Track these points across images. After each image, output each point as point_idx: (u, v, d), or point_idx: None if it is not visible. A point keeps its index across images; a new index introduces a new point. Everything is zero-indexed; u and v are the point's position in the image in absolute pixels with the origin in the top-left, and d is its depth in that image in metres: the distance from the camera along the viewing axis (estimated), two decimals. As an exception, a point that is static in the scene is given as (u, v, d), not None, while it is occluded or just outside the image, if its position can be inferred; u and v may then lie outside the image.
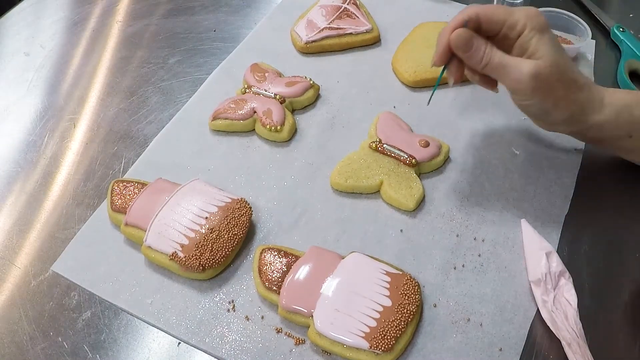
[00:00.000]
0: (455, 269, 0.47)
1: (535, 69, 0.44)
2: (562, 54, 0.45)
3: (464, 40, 0.45)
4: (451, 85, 0.49)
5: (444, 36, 0.46)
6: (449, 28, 0.46)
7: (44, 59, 0.67)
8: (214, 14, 0.73)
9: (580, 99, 0.46)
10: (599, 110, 0.47)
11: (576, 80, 0.46)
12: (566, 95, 0.46)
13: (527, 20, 0.45)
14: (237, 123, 0.56)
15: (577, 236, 0.49)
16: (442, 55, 0.47)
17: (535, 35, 0.45)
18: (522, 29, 0.45)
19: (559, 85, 0.45)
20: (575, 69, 0.47)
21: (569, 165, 0.54)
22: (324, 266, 0.44)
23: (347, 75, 0.64)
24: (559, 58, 0.45)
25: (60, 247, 0.48)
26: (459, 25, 0.45)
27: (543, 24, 0.45)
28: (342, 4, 0.68)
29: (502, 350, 0.42)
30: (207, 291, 0.46)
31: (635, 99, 0.47)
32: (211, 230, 0.46)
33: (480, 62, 0.46)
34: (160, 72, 0.65)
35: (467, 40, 0.45)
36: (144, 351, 0.43)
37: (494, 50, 0.46)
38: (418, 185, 0.51)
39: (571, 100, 0.46)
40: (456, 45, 0.46)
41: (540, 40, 0.45)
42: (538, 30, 0.45)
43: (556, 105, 0.46)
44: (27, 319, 0.44)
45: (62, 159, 0.56)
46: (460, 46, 0.46)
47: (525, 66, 0.44)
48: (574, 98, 0.46)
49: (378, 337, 0.40)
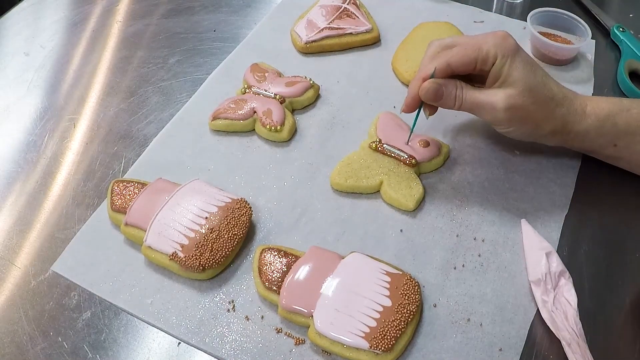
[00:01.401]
0: (455, 269, 0.47)
1: (508, 102, 0.45)
2: (535, 74, 0.46)
3: (433, 92, 0.47)
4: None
5: (413, 87, 0.48)
6: (419, 79, 0.47)
7: (44, 59, 0.67)
8: (214, 14, 0.73)
9: (560, 114, 0.47)
10: (580, 121, 0.47)
11: (553, 97, 0.47)
12: (545, 115, 0.46)
13: (497, 48, 0.45)
14: (237, 123, 0.56)
15: (577, 236, 0.49)
16: (412, 105, 0.49)
17: (507, 61, 0.45)
18: (493, 59, 0.45)
19: (535, 108, 0.46)
20: (553, 84, 0.47)
21: (569, 165, 0.54)
22: (324, 266, 0.44)
23: (347, 75, 0.64)
24: (532, 80, 0.45)
25: (60, 247, 0.48)
26: (427, 76, 0.47)
27: (513, 48, 0.46)
28: (342, 4, 0.68)
29: (502, 350, 0.42)
30: (207, 291, 0.46)
31: (617, 107, 0.47)
32: (211, 230, 0.46)
33: (453, 106, 0.48)
34: (160, 72, 0.65)
35: (436, 91, 0.47)
36: (144, 351, 0.43)
37: (464, 90, 0.47)
38: (418, 185, 0.51)
39: (552, 117, 0.47)
40: (426, 98, 0.47)
41: (511, 66, 0.45)
42: (509, 55, 0.45)
43: (537, 125, 0.47)
44: (27, 319, 0.44)
45: (62, 159, 0.56)
46: (430, 98, 0.47)
47: (497, 100, 0.45)
48: (554, 115, 0.47)
49: (378, 337, 0.40)
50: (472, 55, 0.46)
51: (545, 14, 0.66)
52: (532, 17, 0.65)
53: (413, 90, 0.48)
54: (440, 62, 0.46)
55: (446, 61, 0.46)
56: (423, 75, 0.47)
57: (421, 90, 0.47)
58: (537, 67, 0.47)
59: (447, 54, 0.47)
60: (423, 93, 0.47)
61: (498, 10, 0.73)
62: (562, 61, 0.64)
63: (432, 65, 0.47)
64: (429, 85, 0.46)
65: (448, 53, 0.47)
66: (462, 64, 0.46)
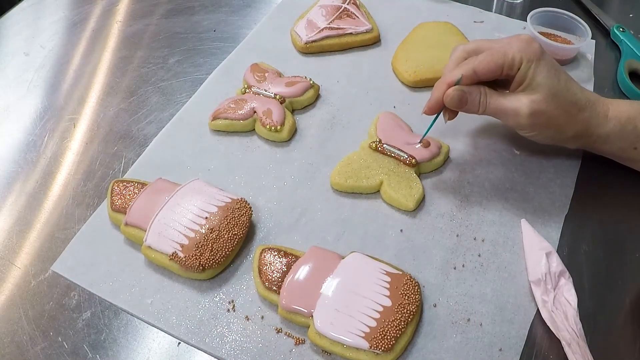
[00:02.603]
0: (455, 269, 0.47)
1: (531, 107, 0.45)
2: (559, 78, 0.46)
3: (457, 99, 0.47)
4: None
5: (438, 91, 0.48)
6: (443, 84, 0.47)
7: (44, 59, 0.67)
8: (214, 14, 0.73)
9: (583, 118, 0.47)
10: (603, 125, 0.48)
11: (576, 102, 0.47)
12: (568, 120, 0.47)
13: (522, 53, 0.45)
14: (237, 123, 0.56)
15: (577, 236, 0.49)
16: (434, 108, 0.49)
17: (532, 66, 0.45)
18: (519, 64, 0.46)
19: (559, 113, 0.46)
20: (576, 88, 0.47)
21: (569, 165, 0.54)
22: (324, 266, 0.44)
23: (347, 75, 0.64)
24: (555, 84, 0.45)
25: (60, 247, 0.48)
26: (452, 82, 0.47)
27: (537, 52, 0.46)
28: (342, 4, 0.68)
29: (502, 350, 0.42)
30: (207, 291, 0.46)
31: (638, 111, 0.48)
32: (211, 230, 0.46)
33: (477, 112, 0.48)
34: (160, 72, 0.65)
35: (461, 98, 0.47)
36: (144, 351, 0.43)
37: (488, 96, 0.47)
38: (418, 185, 0.51)
39: (574, 122, 0.47)
40: (450, 105, 0.47)
41: (536, 70, 0.45)
42: (533, 60, 0.45)
43: (560, 130, 0.47)
44: (27, 319, 0.44)
45: (62, 159, 0.56)
46: (455, 105, 0.47)
47: (521, 106, 0.45)
48: (577, 119, 0.47)
49: (378, 337, 0.40)
50: (499, 62, 0.46)
51: (545, 14, 0.66)
52: (532, 17, 0.65)
53: (437, 95, 0.48)
54: (466, 70, 0.46)
55: (472, 68, 0.46)
56: (448, 80, 0.47)
57: (446, 97, 0.47)
58: (560, 71, 0.47)
59: (473, 61, 0.46)
60: (448, 100, 0.47)
61: (498, 10, 0.73)
62: (562, 61, 0.64)
63: (458, 71, 0.46)
64: (454, 93, 0.46)
65: (474, 60, 0.47)
66: (489, 71, 0.46)
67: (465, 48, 0.49)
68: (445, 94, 0.47)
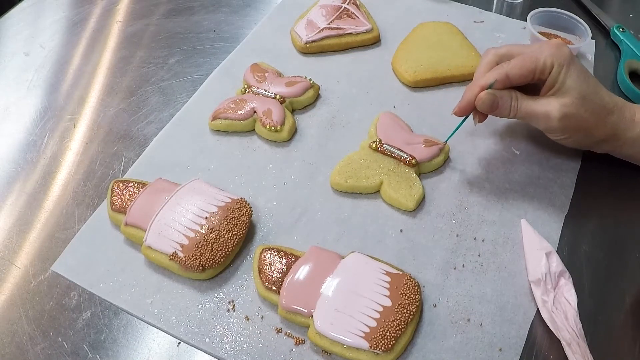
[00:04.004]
0: (455, 269, 0.47)
1: (562, 111, 0.46)
2: (588, 83, 0.47)
3: (489, 103, 0.47)
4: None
5: (470, 94, 0.48)
6: (476, 86, 0.48)
7: (44, 59, 0.67)
8: (214, 14, 0.73)
9: (611, 122, 0.48)
10: (630, 129, 0.48)
11: (605, 106, 0.47)
12: (597, 123, 0.47)
13: (553, 57, 0.46)
14: (237, 123, 0.56)
15: (577, 236, 0.49)
16: (465, 110, 0.50)
17: (562, 70, 0.46)
18: (550, 68, 0.46)
19: (588, 116, 0.47)
20: (604, 92, 0.48)
21: (569, 165, 0.54)
22: (324, 266, 0.44)
23: (347, 75, 0.64)
24: (585, 88, 0.46)
25: (60, 247, 0.48)
26: (486, 86, 0.47)
27: (568, 56, 0.47)
28: (342, 4, 0.68)
29: (502, 350, 0.42)
30: (207, 291, 0.46)
31: None
32: (211, 230, 0.46)
33: (507, 115, 0.48)
34: (160, 72, 0.65)
35: (492, 102, 0.47)
36: (144, 351, 0.43)
37: (520, 100, 0.48)
38: (418, 185, 0.51)
39: (603, 125, 0.48)
40: (482, 108, 0.48)
41: (567, 74, 0.46)
42: (564, 64, 0.46)
43: (589, 133, 0.48)
44: (27, 319, 0.44)
45: (62, 159, 0.56)
46: (486, 109, 0.48)
47: (552, 110, 0.46)
48: (606, 123, 0.48)
49: (378, 337, 0.40)
50: (531, 67, 0.46)
51: (545, 14, 0.66)
52: (532, 17, 0.65)
53: (469, 97, 0.48)
54: (499, 74, 0.47)
55: (505, 73, 0.47)
56: (482, 84, 0.48)
57: (478, 100, 0.47)
58: (589, 76, 0.47)
59: (506, 66, 0.47)
60: (480, 104, 0.48)
61: (498, 10, 0.73)
62: (562, 61, 0.64)
63: (492, 75, 0.47)
64: (487, 97, 0.47)
65: (507, 65, 0.47)
66: (521, 76, 0.47)
67: (496, 52, 0.50)
68: (478, 97, 0.47)
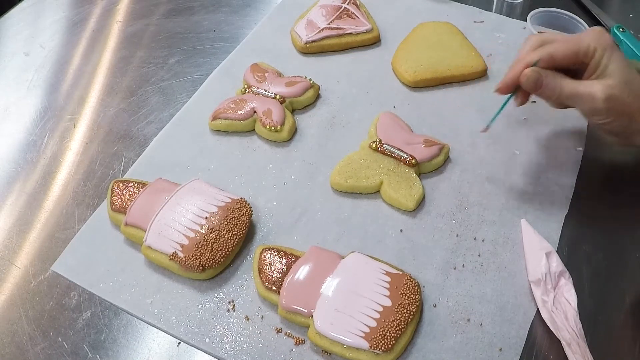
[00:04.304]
0: (455, 269, 0.47)
1: (607, 92, 0.46)
2: (630, 68, 0.47)
3: (534, 80, 0.47)
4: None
5: (515, 71, 0.48)
6: (522, 64, 0.47)
7: (44, 59, 0.67)
8: (214, 14, 0.73)
9: None
10: None
11: None
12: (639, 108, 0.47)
13: (596, 42, 0.46)
14: (237, 123, 0.56)
15: (577, 236, 0.49)
16: (509, 87, 0.49)
17: (605, 54, 0.46)
18: (593, 52, 0.46)
19: (631, 100, 0.46)
20: None
21: (569, 165, 0.54)
22: (324, 266, 0.44)
23: (347, 75, 0.64)
24: (627, 73, 0.46)
25: (60, 247, 0.48)
26: (530, 63, 0.47)
27: (610, 42, 0.47)
28: (342, 4, 0.68)
29: (502, 350, 0.42)
30: (207, 291, 0.46)
31: None
32: (211, 230, 0.46)
33: (552, 96, 0.48)
34: (160, 72, 0.65)
35: (537, 80, 0.47)
36: (144, 351, 0.43)
37: (564, 81, 0.47)
38: (418, 185, 0.51)
39: None
40: (526, 85, 0.47)
41: (610, 58, 0.46)
42: (607, 48, 0.46)
43: (632, 119, 0.47)
44: (27, 319, 0.44)
45: (62, 159, 0.56)
46: (530, 86, 0.47)
47: (597, 91, 0.46)
48: None
49: (378, 337, 0.40)
50: (574, 49, 0.46)
51: (545, 14, 0.66)
52: (532, 17, 0.65)
53: (513, 74, 0.48)
54: (543, 54, 0.47)
55: (549, 53, 0.47)
56: (527, 61, 0.47)
57: (522, 76, 0.47)
58: (629, 63, 0.47)
59: (550, 47, 0.47)
60: (524, 80, 0.47)
61: (498, 10, 0.73)
62: (562, 61, 0.64)
63: (535, 54, 0.47)
64: (531, 73, 0.46)
65: (550, 46, 0.47)
66: (565, 57, 0.47)
67: (539, 37, 0.50)
68: (523, 73, 0.47)
